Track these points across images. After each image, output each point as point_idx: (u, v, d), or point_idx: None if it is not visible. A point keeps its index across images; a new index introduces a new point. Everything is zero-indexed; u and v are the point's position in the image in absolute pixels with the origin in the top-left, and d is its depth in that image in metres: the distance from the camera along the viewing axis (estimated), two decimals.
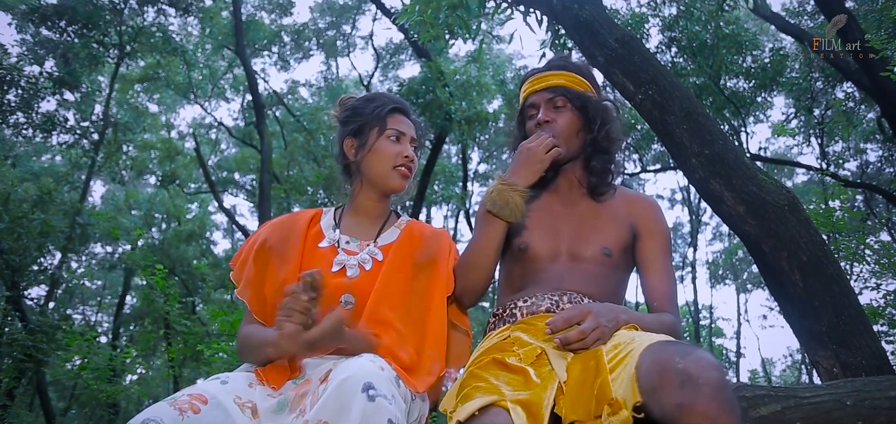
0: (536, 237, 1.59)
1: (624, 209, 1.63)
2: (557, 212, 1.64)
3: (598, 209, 1.63)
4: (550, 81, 1.66)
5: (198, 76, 13.83)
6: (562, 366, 1.28)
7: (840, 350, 2.80)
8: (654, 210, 1.64)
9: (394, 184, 1.51)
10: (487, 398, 1.20)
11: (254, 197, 15.89)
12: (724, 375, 1.06)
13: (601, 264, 1.55)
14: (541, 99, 1.65)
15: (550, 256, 1.57)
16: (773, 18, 7.51)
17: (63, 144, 10.01)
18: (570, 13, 3.85)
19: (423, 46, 9.46)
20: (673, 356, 1.09)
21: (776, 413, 1.65)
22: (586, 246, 1.56)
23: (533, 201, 1.67)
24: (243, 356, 1.42)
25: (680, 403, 1.03)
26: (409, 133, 1.54)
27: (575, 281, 1.52)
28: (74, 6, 9.07)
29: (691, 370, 1.05)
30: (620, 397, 1.14)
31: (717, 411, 1.01)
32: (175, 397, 1.16)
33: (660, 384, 1.07)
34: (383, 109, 1.53)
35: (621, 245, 1.58)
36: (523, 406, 1.18)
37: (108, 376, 8.08)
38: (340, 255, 1.46)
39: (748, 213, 3.07)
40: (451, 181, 14.39)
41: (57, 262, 10.26)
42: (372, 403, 1.03)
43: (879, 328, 6.78)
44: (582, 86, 1.66)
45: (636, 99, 3.53)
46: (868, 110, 9.70)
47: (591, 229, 1.59)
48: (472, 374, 1.35)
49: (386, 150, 1.49)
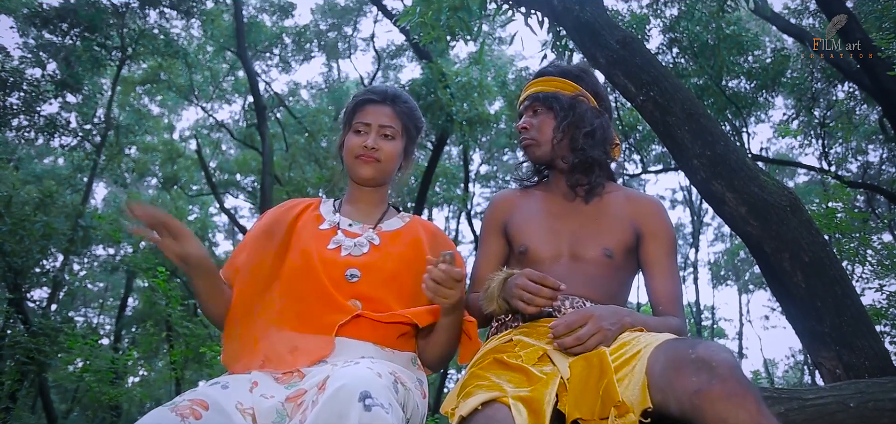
0: (536, 239, 1.59)
1: (626, 210, 1.62)
2: (557, 213, 1.63)
3: (599, 210, 1.61)
4: (531, 89, 1.72)
5: (199, 78, 13.85)
6: (564, 364, 1.28)
7: (843, 352, 2.80)
8: (658, 211, 1.63)
9: (358, 173, 1.56)
10: (489, 394, 1.20)
11: (255, 199, 15.89)
12: (736, 357, 1.09)
13: (603, 265, 1.54)
14: (523, 108, 1.72)
15: (551, 257, 1.56)
16: (774, 19, 7.51)
17: (65, 147, 10.05)
18: (571, 15, 3.85)
19: (425, 48, 9.47)
20: (685, 348, 1.11)
21: (780, 415, 1.65)
22: (587, 247, 1.55)
23: (532, 202, 1.68)
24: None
25: (697, 388, 1.04)
26: (378, 122, 1.55)
27: (577, 283, 1.51)
28: (76, 9, 9.09)
29: (704, 355, 1.07)
30: (628, 400, 1.14)
31: (736, 386, 1.02)
32: (176, 402, 1.15)
33: (675, 376, 1.08)
34: (353, 104, 1.60)
35: (624, 246, 1.57)
36: (525, 402, 1.18)
37: (110, 378, 8.07)
38: (339, 235, 1.50)
39: (750, 214, 3.07)
40: (453, 183, 14.38)
41: (59, 264, 10.27)
42: (368, 413, 1.01)
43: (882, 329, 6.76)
44: (557, 86, 1.67)
45: (638, 100, 3.53)
46: (870, 110, 9.68)
47: (592, 229, 1.58)
48: (473, 374, 1.36)
49: (350, 143, 1.56)
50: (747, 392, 1.02)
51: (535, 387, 1.23)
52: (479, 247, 1.74)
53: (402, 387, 1.25)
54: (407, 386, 1.28)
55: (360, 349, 1.37)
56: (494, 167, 15.69)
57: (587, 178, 1.62)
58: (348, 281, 1.42)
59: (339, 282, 1.41)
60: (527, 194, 1.72)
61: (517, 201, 1.71)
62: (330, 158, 12.00)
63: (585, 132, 1.62)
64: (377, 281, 1.43)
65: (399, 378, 1.27)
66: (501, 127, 11.93)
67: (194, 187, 16.77)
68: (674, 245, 1.62)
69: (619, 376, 1.20)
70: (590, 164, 1.62)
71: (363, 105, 1.57)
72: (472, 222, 13.34)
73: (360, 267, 1.44)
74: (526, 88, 1.75)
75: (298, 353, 1.33)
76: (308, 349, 1.33)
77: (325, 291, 1.40)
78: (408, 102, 1.62)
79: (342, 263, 1.44)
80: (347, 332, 1.37)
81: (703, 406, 1.03)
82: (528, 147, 1.69)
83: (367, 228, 1.55)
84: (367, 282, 1.43)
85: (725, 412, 1.00)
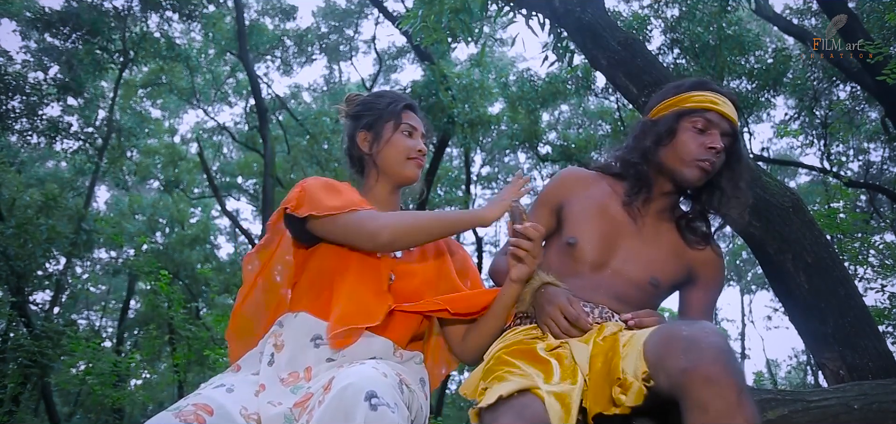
0: (587, 238, 1.50)
1: (685, 246, 1.54)
2: (620, 222, 1.52)
3: (657, 233, 1.52)
4: (733, 116, 1.50)
5: (201, 81, 13.87)
6: (584, 357, 1.27)
7: (846, 352, 2.79)
8: (718, 263, 1.57)
9: (409, 174, 1.57)
10: (523, 382, 1.17)
11: (257, 201, 15.91)
12: (728, 342, 1.07)
13: (645, 291, 1.48)
14: (722, 130, 1.48)
15: (596, 263, 1.49)
16: (776, 19, 7.50)
17: (67, 150, 10.06)
18: (572, 16, 3.85)
19: (426, 50, 9.47)
20: (679, 327, 1.12)
21: (783, 416, 1.65)
22: (636, 269, 1.48)
23: (597, 195, 1.56)
24: None
25: (684, 367, 1.04)
26: (420, 129, 1.60)
27: (612, 296, 1.46)
28: (78, 13, 9.11)
29: (696, 335, 1.07)
30: (628, 372, 1.15)
31: (720, 372, 1.02)
32: (179, 406, 1.15)
33: (665, 352, 1.09)
34: (398, 105, 1.59)
35: (671, 282, 1.52)
36: (558, 397, 1.16)
37: (113, 381, 8.08)
38: None
39: (752, 215, 3.06)
40: (455, 185, 14.37)
41: (61, 267, 10.29)
42: (374, 412, 1.02)
43: (885, 330, 6.75)
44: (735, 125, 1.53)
45: (639, 101, 3.53)
46: (871, 110, 9.67)
47: (645, 253, 1.50)
48: (500, 359, 1.32)
49: (401, 143, 1.55)
50: (730, 379, 1.01)
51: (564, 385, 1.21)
52: (530, 212, 1.61)
53: (407, 388, 1.25)
54: (411, 388, 1.28)
55: (375, 346, 1.37)
56: (496, 169, 15.68)
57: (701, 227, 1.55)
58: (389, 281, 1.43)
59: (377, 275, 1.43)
60: (597, 182, 1.59)
61: (583, 188, 1.58)
62: (332, 160, 12.00)
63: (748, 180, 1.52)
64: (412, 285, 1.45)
65: (404, 379, 1.27)
66: (502, 128, 11.92)
67: (196, 189, 16.79)
68: (719, 295, 1.57)
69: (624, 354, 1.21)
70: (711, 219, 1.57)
71: (408, 109, 1.60)
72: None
73: (394, 270, 1.46)
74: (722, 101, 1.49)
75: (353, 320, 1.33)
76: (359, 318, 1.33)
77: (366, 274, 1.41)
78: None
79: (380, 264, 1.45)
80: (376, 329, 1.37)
81: (687, 386, 1.03)
82: (705, 171, 1.47)
83: None
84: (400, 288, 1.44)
85: (706, 396, 1.00)
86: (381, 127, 1.57)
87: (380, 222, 1.34)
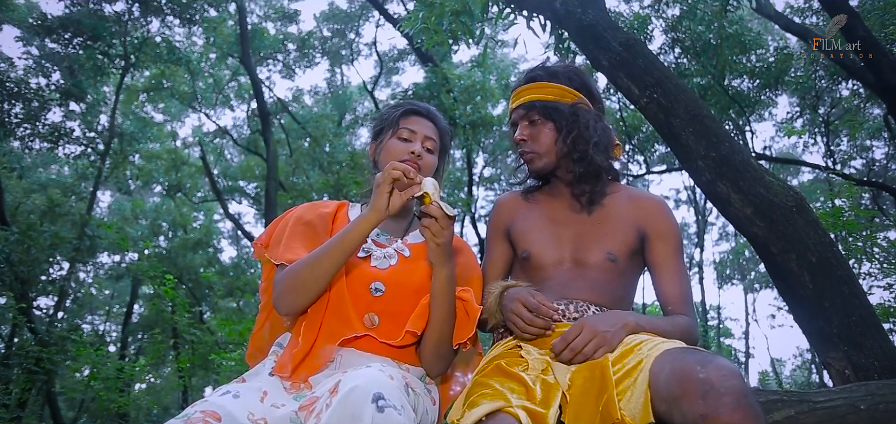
0: (538, 245, 1.57)
1: (630, 211, 1.59)
2: (560, 218, 1.60)
3: (602, 213, 1.59)
4: (524, 96, 1.64)
5: (202, 85, 13.90)
6: (565, 376, 1.28)
7: (851, 352, 2.78)
8: (662, 211, 1.60)
9: None
10: (494, 403, 1.19)
11: (259, 205, 15.94)
12: (745, 382, 1.07)
13: (607, 269, 1.52)
14: (518, 117, 1.65)
15: (554, 263, 1.55)
16: (777, 17, 7.49)
17: (70, 155, 10.08)
18: (573, 18, 3.85)
19: (427, 52, 9.48)
20: (694, 366, 1.10)
21: (789, 418, 1.64)
22: (591, 252, 1.53)
23: (535, 206, 1.65)
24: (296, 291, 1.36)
25: (704, 414, 1.03)
26: (423, 132, 1.56)
27: (580, 288, 1.50)
28: (80, 19, 9.14)
29: (713, 379, 1.06)
30: (629, 414, 1.14)
31: (741, 419, 1.02)
32: (187, 414, 1.15)
33: (681, 394, 1.07)
34: (398, 110, 1.59)
35: (628, 249, 1.55)
36: (530, 414, 1.18)
37: (117, 386, 8.10)
38: (369, 243, 1.48)
39: (756, 215, 3.06)
40: (457, 186, 14.37)
41: (65, 272, 10.32)
42: (381, 414, 1.02)
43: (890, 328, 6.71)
44: (555, 94, 1.61)
45: (641, 102, 3.52)
46: (874, 107, 9.65)
47: (595, 234, 1.56)
48: (477, 383, 1.35)
49: (394, 147, 1.53)
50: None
51: (539, 401, 1.22)
52: (486, 251, 1.72)
53: (412, 392, 1.26)
54: (416, 391, 1.29)
55: (370, 359, 1.37)
56: (498, 170, 15.68)
57: (593, 186, 1.59)
58: (372, 295, 1.40)
59: (360, 295, 1.40)
60: (530, 197, 1.69)
61: (520, 206, 1.68)
62: (334, 162, 12.01)
63: (593, 143, 1.57)
64: (401, 297, 1.42)
65: (409, 383, 1.27)
66: (504, 129, 11.92)
67: (199, 193, 16.82)
68: (680, 244, 1.59)
69: (621, 388, 1.20)
70: (597, 173, 1.59)
71: (409, 114, 1.58)
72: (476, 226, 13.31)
73: (385, 281, 1.42)
74: (517, 94, 1.66)
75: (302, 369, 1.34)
76: (313, 363, 1.34)
77: (342, 304, 1.39)
78: (444, 122, 1.64)
79: (368, 275, 1.42)
80: (357, 345, 1.37)
81: None
82: (529, 160, 1.64)
83: (394, 239, 1.54)
84: (391, 297, 1.41)
85: None
86: (383, 135, 1.58)
87: (275, 293, 1.39)
